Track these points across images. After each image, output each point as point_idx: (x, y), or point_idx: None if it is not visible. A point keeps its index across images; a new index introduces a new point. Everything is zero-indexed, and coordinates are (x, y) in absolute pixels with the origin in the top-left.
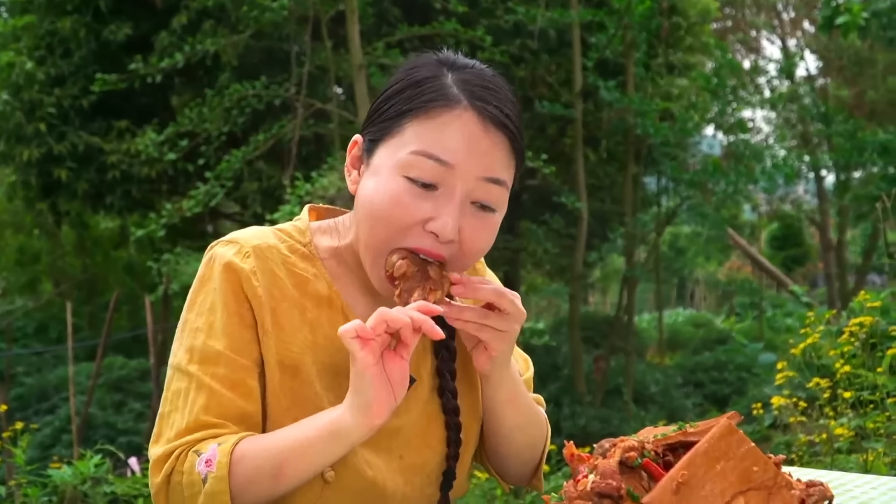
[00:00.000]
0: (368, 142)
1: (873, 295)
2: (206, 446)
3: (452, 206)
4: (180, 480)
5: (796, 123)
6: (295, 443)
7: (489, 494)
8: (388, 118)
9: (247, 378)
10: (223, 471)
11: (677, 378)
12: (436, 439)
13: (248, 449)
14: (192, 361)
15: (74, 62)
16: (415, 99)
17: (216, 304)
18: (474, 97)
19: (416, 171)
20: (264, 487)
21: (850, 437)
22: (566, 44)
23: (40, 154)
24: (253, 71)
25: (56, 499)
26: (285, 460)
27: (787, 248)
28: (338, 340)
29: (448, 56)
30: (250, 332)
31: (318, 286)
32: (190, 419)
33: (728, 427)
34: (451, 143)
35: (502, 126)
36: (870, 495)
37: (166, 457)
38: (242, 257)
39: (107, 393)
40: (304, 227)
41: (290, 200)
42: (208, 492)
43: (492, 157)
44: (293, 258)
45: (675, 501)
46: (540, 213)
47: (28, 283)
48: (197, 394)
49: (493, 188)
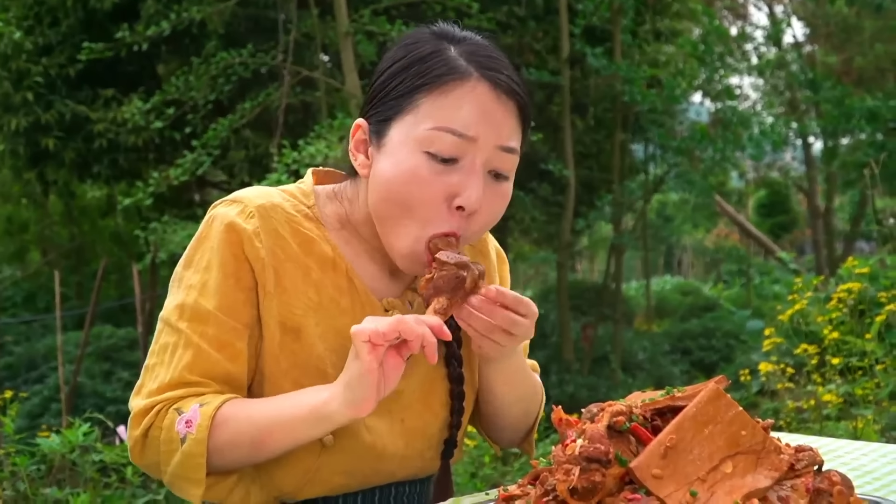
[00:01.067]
0: (377, 122)
1: (861, 261)
2: (188, 405)
3: (476, 178)
4: (158, 436)
5: (784, 90)
6: (279, 417)
7: (477, 461)
8: (399, 95)
9: (235, 340)
10: (203, 433)
11: (665, 345)
12: (438, 403)
13: (232, 415)
14: (182, 318)
15: (62, 31)
16: (425, 74)
17: (212, 263)
18: (484, 67)
19: (436, 147)
20: (242, 454)
21: (838, 404)
22: (553, 10)
23: (28, 123)
24: (239, 39)
25: (45, 467)
26: (268, 432)
27: (775, 215)
28: (342, 302)
29: (444, 29)
30: (245, 293)
31: (323, 247)
32: (174, 375)
33: (716, 391)
34: (468, 116)
35: (514, 94)
36: (860, 461)
37: (146, 411)
38: (246, 217)
39: (95, 362)
40: (308, 189)
41: (278, 169)
42: (185, 451)
43: (506, 126)
44: (298, 217)
45: (663, 465)
46: (527, 181)
47: (16, 253)
48: (184, 351)
49: (507, 157)
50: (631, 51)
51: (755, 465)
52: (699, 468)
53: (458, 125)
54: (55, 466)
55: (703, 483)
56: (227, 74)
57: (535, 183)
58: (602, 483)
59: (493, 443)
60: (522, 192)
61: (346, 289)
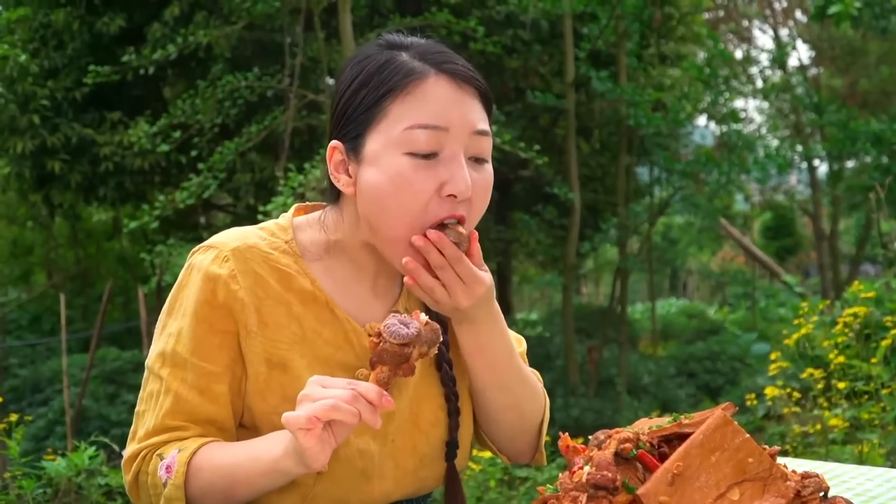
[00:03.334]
0: (351, 140)
1: (867, 285)
2: (168, 451)
3: (459, 165)
4: (146, 480)
5: (789, 113)
6: (239, 470)
7: (483, 485)
8: (366, 109)
9: (213, 384)
10: (180, 479)
11: (670, 368)
12: (427, 422)
13: (203, 465)
14: (164, 365)
15: (68, 54)
16: (386, 82)
17: (188, 311)
18: (438, 63)
19: (414, 145)
20: (218, 500)
21: (844, 428)
22: (558, 34)
23: (34, 146)
24: (245, 62)
25: (50, 491)
26: (234, 484)
27: (780, 238)
28: (325, 333)
29: (390, 39)
30: (220, 337)
31: (301, 282)
32: (157, 421)
33: (723, 418)
34: (437, 108)
35: (472, 80)
36: (865, 486)
37: (134, 457)
38: (221, 262)
39: (100, 385)
40: (286, 224)
41: (283, 192)
42: (166, 496)
43: (474, 112)
44: (275, 254)
45: (670, 493)
46: (532, 204)
47: (21, 275)
48: (165, 397)
49: (482, 140)
50: (636, 74)
51: (762, 491)
52: (706, 495)
53: (429, 119)
54: (61, 490)
55: None
56: (234, 98)
57: (541, 206)
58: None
59: (499, 453)
60: (527, 215)
61: (328, 320)
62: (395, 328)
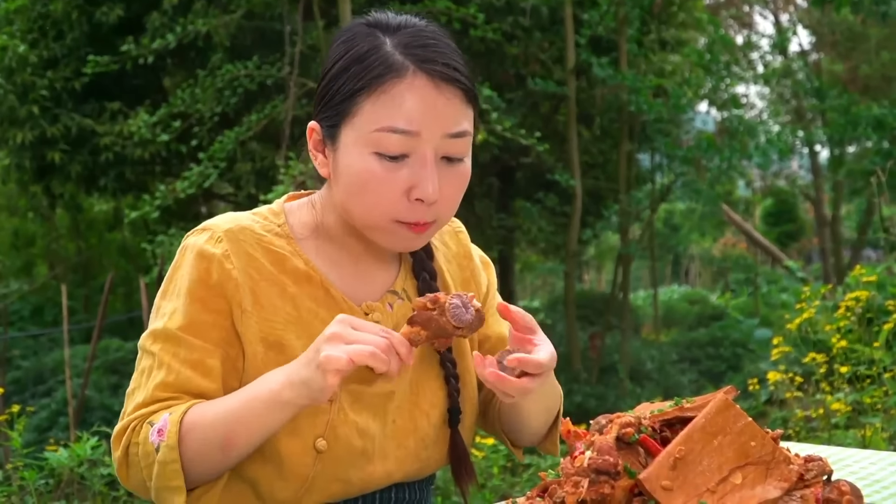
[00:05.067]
0: (327, 127)
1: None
2: (159, 416)
3: (428, 169)
4: (137, 452)
5: (790, 99)
6: (238, 415)
7: (486, 472)
8: (342, 100)
9: (206, 358)
10: (173, 439)
11: (673, 355)
12: (427, 402)
13: (197, 421)
14: (156, 342)
15: (67, 44)
16: (362, 76)
17: (182, 290)
18: (419, 60)
19: (383, 146)
20: (213, 459)
21: (847, 413)
22: (558, 21)
23: (34, 137)
24: (245, 51)
25: (53, 481)
26: (232, 432)
27: (782, 223)
28: (320, 313)
29: (378, 18)
30: (213, 316)
31: (295, 262)
32: (147, 395)
33: (725, 402)
34: (409, 112)
35: (453, 80)
36: (869, 470)
37: (123, 431)
38: (214, 243)
39: (103, 375)
40: (277, 209)
41: (284, 181)
42: (160, 460)
43: (450, 114)
44: (268, 236)
45: (672, 477)
46: (534, 191)
47: (23, 267)
48: (157, 371)
49: (457, 141)
50: (636, 60)
51: (765, 475)
52: (708, 479)
53: (401, 123)
54: (63, 481)
55: (713, 494)
56: (233, 87)
57: (542, 193)
58: (611, 495)
59: (514, 448)
60: (529, 202)
61: (323, 299)
62: (458, 311)
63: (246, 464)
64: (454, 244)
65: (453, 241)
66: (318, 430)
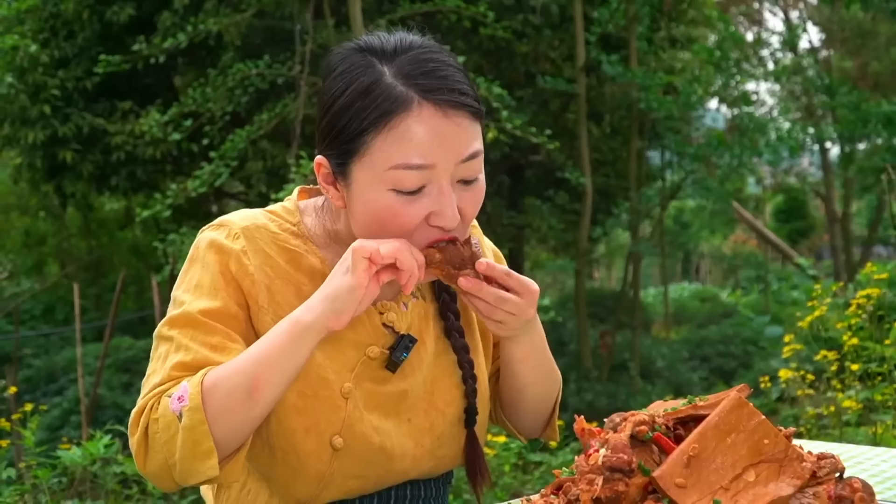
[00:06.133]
0: (336, 164)
1: (880, 266)
2: (176, 387)
3: (446, 197)
4: (157, 428)
5: (800, 96)
6: (262, 356)
7: (497, 470)
8: (349, 139)
9: (226, 341)
10: (196, 400)
11: (683, 352)
12: (442, 401)
13: (219, 376)
14: (173, 327)
15: (78, 44)
16: (367, 113)
17: (202, 280)
18: (423, 90)
19: (399, 184)
20: (240, 410)
21: (858, 410)
22: (568, 19)
23: (45, 136)
24: (256, 50)
25: (66, 480)
26: (257, 374)
27: (792, 220)
28: None
29: (371, 43)
30: (234, 307)
31: (311, 260)
32: (164, 375)
33: (738, 400)
34: (421, 145)
35: (459, 105)
36: (880, 468)
37: (140, 412)
38: (232, 239)
39: (115, 374)
40: (292, 207)
41: (295, 179)
42: (186, 426)
43: (462, 139)
44: (284, 235)
45: (686, 474)
46: (544, 189)
47: (34, 266)
48: (176, 353)
49: (471, 163)
50: (646, 58)
51: (778, 473)
52: (722, 477)
53: (415, 158)
54: (76, 479)
55: (727, 492)
56: (244, 86)
57: (552, 191)
58: (625, 493)
59: (516, 432)
60: (539, 200)
61: None
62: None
63: (263, 462)
64: None
65: None
66: (335, 428)
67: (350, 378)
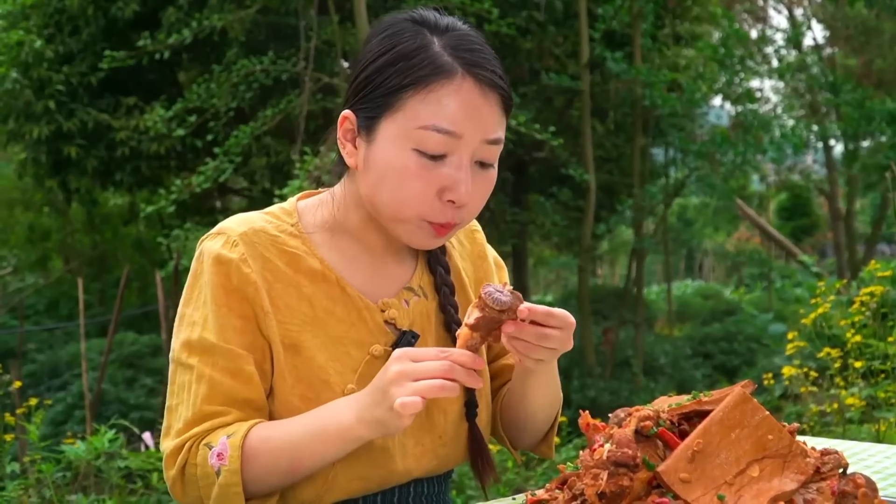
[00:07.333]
0: (365, 118)
1: (884, 264)
2: (216, 438)
3: (464, 172)
4: (195, 472)
5: (804, 93)
6: (307, 446)
7: (500, 466)
8: (385, 93)
9: (244, 365)
10: (235, 464)
11: (686, 349)
12: (444, 400)
13: (259, 447)
14: (192, 354)
15: (83, 39)
16: (409, 73)
17: (208, 298)
18: (468, 64)
19: (424, 144)
20: (278, 480)
21: (861, 407)
22: (573, 15)
23: (49, 131)
24: (260, 46)
25: (70, 474)
26: (299, 461)
27: (796, 218)
28: (336, 311)
29: (424, 16)
30: (241, 321)
31: (310, 261)
32: (194, 410)
33: (743, 395)
34: (455, 114)
35: (497, 87)
36: (883, 464)
37: (178, 450)
38: (231, 247)
39: (118, 369)
40: (290, 208)
41: (299, 175)
42: (222, 483)
43: (491, 120)
44: (282, 237)
45: (690, 469)
46: (548, 186)
47: (38, 261)
48: (199, 385)
49: (493, 148)
50: (651, 55)
51: (782, 468)
52: (726, 472)
53: (445, 123)
54: (81, 473)
55: (731, 487)
56: (249, 82)
57: (556, 188)
58: (630, 487)
59: (512, 449)
60: (543, 196)
61: (339, 297)
62: (496, 295)
63: None
64: (469, 243)
65: (468, 239)
66: None
67: (353, 379)
